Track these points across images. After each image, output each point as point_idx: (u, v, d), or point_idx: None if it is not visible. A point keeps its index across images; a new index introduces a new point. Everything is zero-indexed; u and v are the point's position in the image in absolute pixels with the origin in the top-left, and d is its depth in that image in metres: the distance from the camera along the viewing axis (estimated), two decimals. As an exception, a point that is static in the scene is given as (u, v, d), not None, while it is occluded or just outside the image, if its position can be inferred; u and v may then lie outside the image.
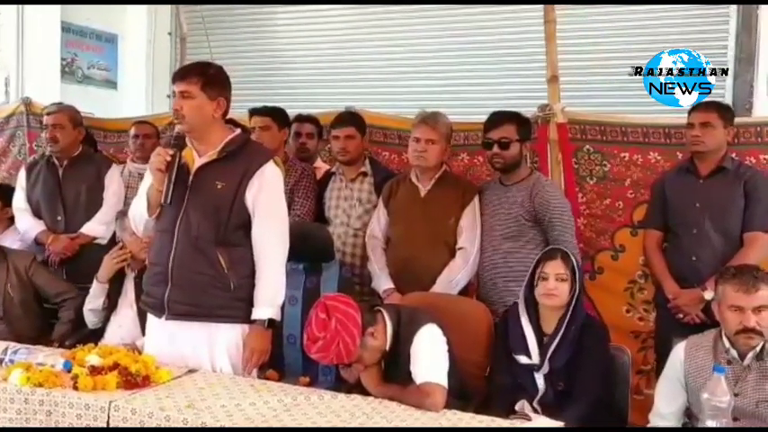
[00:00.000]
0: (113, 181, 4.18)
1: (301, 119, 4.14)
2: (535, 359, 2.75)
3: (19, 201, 4.14)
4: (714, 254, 3.15)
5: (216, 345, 2.71)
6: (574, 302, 2.75)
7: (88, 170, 4.14)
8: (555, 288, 2.73)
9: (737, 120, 3.38)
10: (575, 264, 2.80)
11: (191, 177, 2.69)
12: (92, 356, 2.52)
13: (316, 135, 4.19)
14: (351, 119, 3.81)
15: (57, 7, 6.08)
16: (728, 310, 2.46)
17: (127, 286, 3.38)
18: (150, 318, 2.83)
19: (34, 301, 3.67)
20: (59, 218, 4.06)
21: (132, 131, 4.57)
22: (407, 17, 5.95)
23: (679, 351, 2.57)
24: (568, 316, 2.74)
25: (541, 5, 3.67)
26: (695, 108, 3.25)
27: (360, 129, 3.75)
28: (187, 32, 5.41)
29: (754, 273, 2.44)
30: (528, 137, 3.41)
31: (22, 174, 4.22)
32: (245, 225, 2.71)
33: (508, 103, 4.11)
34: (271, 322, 2.71)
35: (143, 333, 3.07)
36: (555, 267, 2.75)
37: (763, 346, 2.42)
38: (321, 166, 4.20)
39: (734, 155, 3.29)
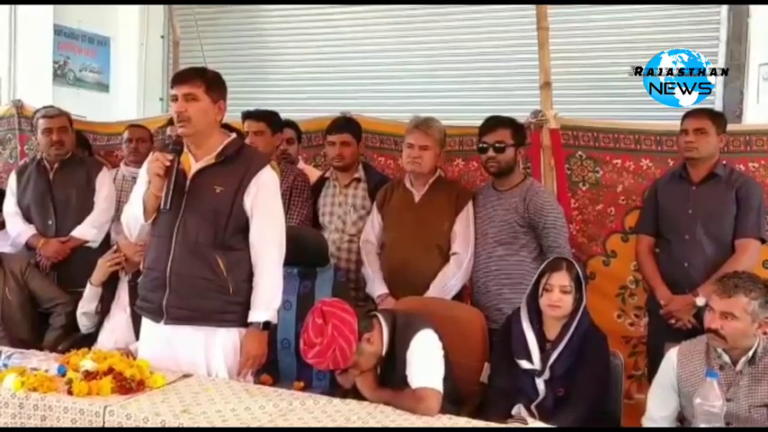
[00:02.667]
0: (104, 184, 4.16)
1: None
2: (537, 364, 2.77)
3: (9, 205, 4.11)
4: (706, 260, 3.17)
5: (213, 348, 2.71)
6: (578, 312, 2.78)
7: (79, 173, 4.12)
8: (559, 300, 2.76)
9: (728, 127, 3.40)
10: (579, 274, 2.82)
11: (188, 182, 2.69)
12: (86, 361, 2.50)
13: (296, 140, 4.20)
14: (347, 125, 3.81)
15: (49, 10, 6.08)
16: (707, 310, 2.53)
17: (120, 290, 3.37)
18: (146, 322, 2.82)
19: (31, 304, 3.66)
20: (50, 221, 4.03)
21: (126, 135, 4.53)
22: (401, 23, 5.99)
23: (672, 356, 2.60)
24: (573, 326, 2.76)
25: (534, 12, 3.69)
26: (689, 115, 3.28)
27: (355, 135, 3.75)
28: (180, 36, 5.39)
29: (736, 281, 2.47)
30: (522, 142, 3.43)
31: (13, 178, 4.19)
32: (244, 229, 2.72)
33: (502, 108, 4.13)
34: (267, 325, 2.71)
35: (137, 337, 3.06)
36: (560, 279, 2.77)
37: (755, 352, 2.45)
38: (305, 167, 4.20)
39: (724, 162, 3.32)
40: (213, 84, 2.70)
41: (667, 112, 3.89)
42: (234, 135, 2.80)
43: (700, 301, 3.06)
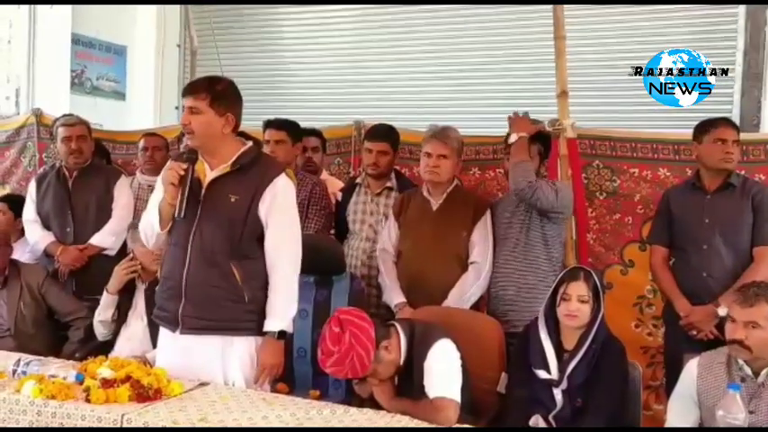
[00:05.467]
0: (122, 192, 4.18)
1: (306, 133, 4.10)
2: (554, 374, 2.75)
3: (29, 212, 4.15)
4: (725, 269, 3.14)
5: (229, 357, 2.70)
6: (596, 322, 2.76)
7: (97, 181, 4.15)
8: (577, 310, 2.75)
9: (747, 136, 3.39)
10: (597, 283, 2.81)
11: (203, 191, 2.68)
12: (104, 369, 2.51)
13: (321, 148, 4.19)
14: (386, 134, 3.75)
15: (67, 19, 6.13)
16: (728, 321, 2.50)
17: (137, 298, 3.38)
18: (163, 330, 2.82)
19: (46, 317, 3.66)
20: (69, 229, 4.06)
21: (141, 143, 4.57)
22: (417, 31, 6.00)
23: (692, 368, 2.57)
24: (591, 335, 2.75)
25: (551, 21, 3.68)
26: (721, 124, 3.22)
27: (394, 145, 3.72)
28: (197, 45, 5.42)
29: (757, 289, 2.45)
30: (548, 153, 3.45)
31: (33, 185, 4.23)
32: (259, 237, 2.70)
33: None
34: (282, 334, 2.70)
35: (153, 345, 3.07)
36: (577, 289, 2.76)
37: (776, 364, 2.43)
38: (328, 178, 4.20)
39: (743, 172, 3.30)
40: (220, 96, 2.65)
41: (683, 120, 3.88)
42: (250, 143, 2.79)
43: (722, 311, 3.02)
